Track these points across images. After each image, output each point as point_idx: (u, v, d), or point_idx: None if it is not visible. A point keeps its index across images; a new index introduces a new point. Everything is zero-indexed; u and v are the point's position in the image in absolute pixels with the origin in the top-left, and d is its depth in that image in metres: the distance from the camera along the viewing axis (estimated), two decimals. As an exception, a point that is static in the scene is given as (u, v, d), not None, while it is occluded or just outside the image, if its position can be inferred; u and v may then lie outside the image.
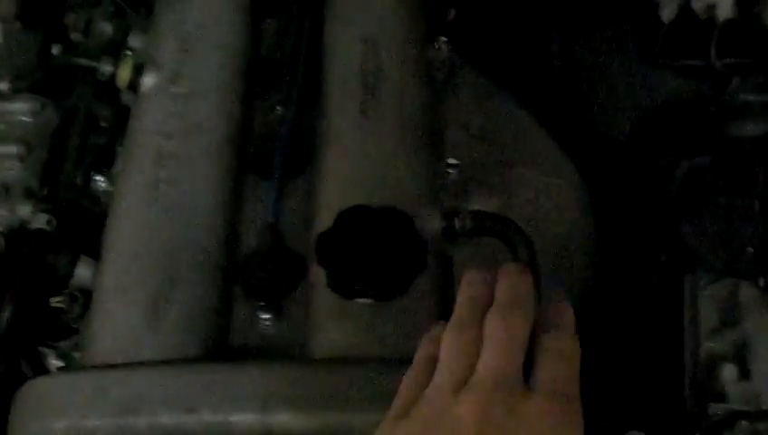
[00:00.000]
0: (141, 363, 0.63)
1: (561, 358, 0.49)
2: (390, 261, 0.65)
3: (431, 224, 0.70)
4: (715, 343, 0.68)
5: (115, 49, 0.85)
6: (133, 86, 0.79)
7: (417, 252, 0.66)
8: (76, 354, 0.70)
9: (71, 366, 0.69)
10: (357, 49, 0.79)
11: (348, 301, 0.65)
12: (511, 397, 0.47)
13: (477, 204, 0.81)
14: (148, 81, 0.79)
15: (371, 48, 0.79)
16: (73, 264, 0.74)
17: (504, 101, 0.93)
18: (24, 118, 0.79)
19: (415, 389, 0.50)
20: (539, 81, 1.00)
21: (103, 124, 0.86)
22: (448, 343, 0.51)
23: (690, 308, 0.71)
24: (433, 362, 0.51)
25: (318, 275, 0.67)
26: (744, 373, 0.65)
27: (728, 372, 0.66)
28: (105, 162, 0.81)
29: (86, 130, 0.84)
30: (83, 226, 0.78)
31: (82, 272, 0.74)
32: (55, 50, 0.87)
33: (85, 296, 0.72)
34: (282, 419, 0.59)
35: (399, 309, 0.65)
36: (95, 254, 0.73)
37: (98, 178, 0.77)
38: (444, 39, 0.84)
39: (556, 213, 0.87)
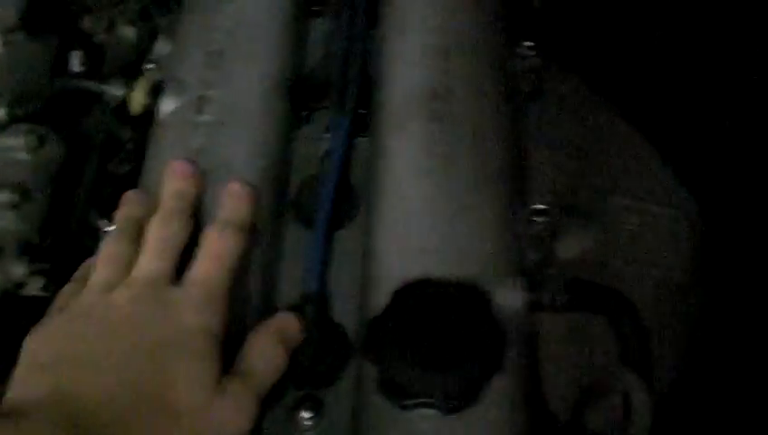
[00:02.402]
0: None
1: (215, 256, 0.54)
2: (456, 359, 0.50)
3: (512, 300, 0.54)
4: None
5: (137, 60, 0.72)
6: (150, 111, 0.66)
7: (493, 345, 0.51)
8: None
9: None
10: (421, 62, 0.63)
11: (404, 411, 0.50)
12: (160, 290, 0.53)
13: (568, 241, 0.66)
14: (166, 105, 0.64)
15: (440, 61, 0.63)
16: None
17: (601, 112, 0.77)
18: (19, 155, 0.65)
19: (74, 290, 0.55)
20: (644, 86, 0.83)
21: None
22: (106, 247, 0.56)
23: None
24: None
25: (368, 370, 0.52)
26: None
27: None
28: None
29: (103, 162, 0.71)
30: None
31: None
32: (75, 60, 0.74)
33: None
34: None
35: (470, 422, 0.50)
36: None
37: (102, 222, 0.64)
38: (529, 43, 0.68)
39: (665, 251, 0.72)
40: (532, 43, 0.68)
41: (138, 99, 0.66)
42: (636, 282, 0.70)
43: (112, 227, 0.58)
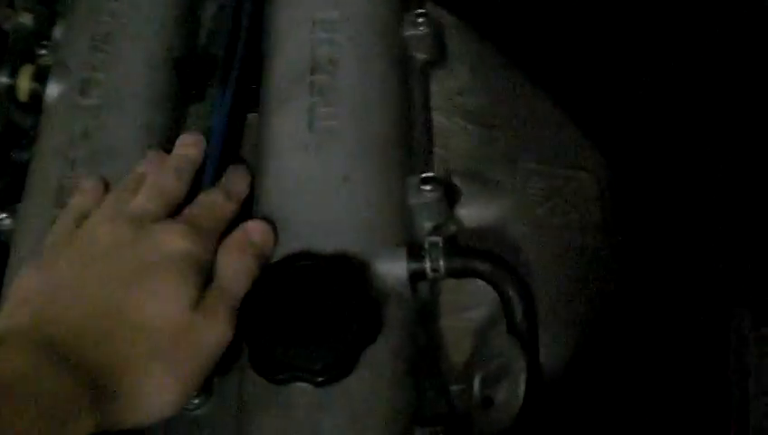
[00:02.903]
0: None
1: (208, 206, 0.56)
2: (329, 331, 0.49)
3: (394, 268, 0.54)
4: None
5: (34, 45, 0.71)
6: (38, 98, 0.65)
7: (367, 315, 0.51)
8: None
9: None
10: (305, 34, 0.62)
11: (278, 386, 0.50)
12: (145, 224, 0.54)
13: (472, 209, 0.66)
14: (52, 90, 0.64)
15: (324, 32, 0.62)
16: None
17: (512, 79, 0.76)
18: None
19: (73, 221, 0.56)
20: (554, 49, 0.82)
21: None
22: (113, 191, 0.58)
23: (736, 356, 0.54)
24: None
25: (245, 350, 0.52)
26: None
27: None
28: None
29: (5, 148, 0.70)
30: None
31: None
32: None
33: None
34: None
35: (347, 393, 0.50)
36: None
37: (1, 216, 0.63)
38: (420, 11, 0.67)
39: (574, 215, 0.71)
40: (422, 11, 0.67)
41: (23, 85, 0.65)
42: (544, 246, 0.70)
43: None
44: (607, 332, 0.68)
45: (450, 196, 0.63)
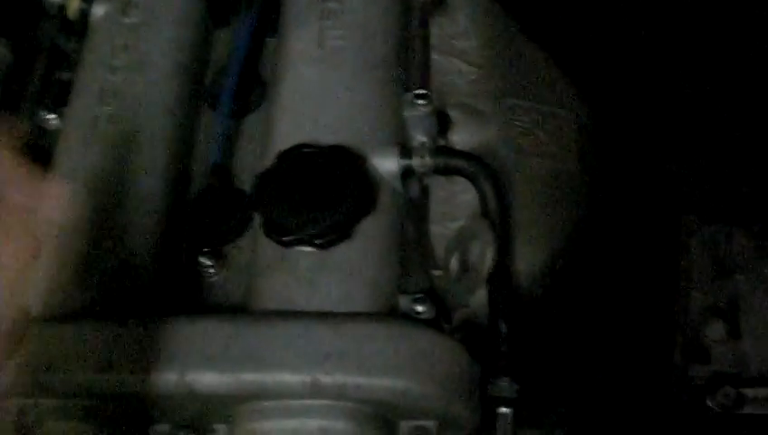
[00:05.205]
0: (65, 318, 0.59)
1: None
2: (329, 204, 0.59)
3: (387, 163, 0.63)
4: (706, 296, 0.60)
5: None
6: (85, 17, 0.74)
7: (361, 194, 0.60)
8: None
9: None
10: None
11: (286, 250, 0.59)
12: None
13: (465, 137, 0.74)
14: (97, 10, 0.73)
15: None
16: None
17: (503, 25, 0.85)
18: (-32, 59, 0.74)
19: None
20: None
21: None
22: None
23: (683, 255, 0.63)
24: None
25: (259, 221, 0.61)
26: (734, 332, 0.58)
27: (716, 329, 0.58)
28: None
29: (50, 67, 0.79)
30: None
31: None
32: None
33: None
34: (203, 379, 0.55)
35: (342, 257, 0.59)
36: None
37: (49, 116, 0.72)
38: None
39: (553, 146, 0.80)
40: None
41: (73, 4, 0.74)
42: (525, 170, 0.79)
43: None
44: (578, 240, 0.76)
45: (443, 123, 0.71)
